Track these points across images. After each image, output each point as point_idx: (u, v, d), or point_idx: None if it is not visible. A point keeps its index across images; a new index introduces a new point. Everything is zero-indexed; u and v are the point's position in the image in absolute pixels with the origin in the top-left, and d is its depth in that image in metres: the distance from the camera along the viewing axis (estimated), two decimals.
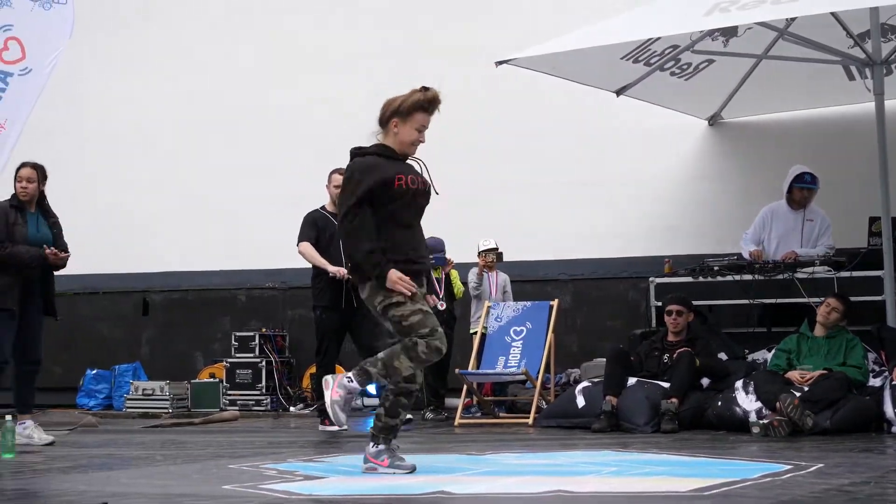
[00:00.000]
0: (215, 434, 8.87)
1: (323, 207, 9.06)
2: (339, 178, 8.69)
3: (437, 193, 5.78)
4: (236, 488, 5.11)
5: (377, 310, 5.63)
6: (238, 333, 11.68)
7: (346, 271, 8.42)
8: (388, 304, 5.56)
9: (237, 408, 11.16)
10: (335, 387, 5.57)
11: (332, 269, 8.70)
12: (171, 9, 12.80)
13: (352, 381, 5.57)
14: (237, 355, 11.54)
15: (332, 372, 8.80)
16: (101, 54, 12.80)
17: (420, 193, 5.69)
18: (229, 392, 11.40)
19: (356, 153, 5.76)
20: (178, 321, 12.38)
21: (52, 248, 7.71)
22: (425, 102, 5.63)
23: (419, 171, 5.75)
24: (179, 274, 12.41)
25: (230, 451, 7.09)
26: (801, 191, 9.43)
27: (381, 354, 5.63)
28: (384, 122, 5.71)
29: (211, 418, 10.31)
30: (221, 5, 12.73)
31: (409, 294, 5.52)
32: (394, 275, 5.49)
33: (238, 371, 11.46)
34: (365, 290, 5.64)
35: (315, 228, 8.95)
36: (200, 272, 12.34)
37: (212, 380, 11.49)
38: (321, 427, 8.73)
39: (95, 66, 12.80)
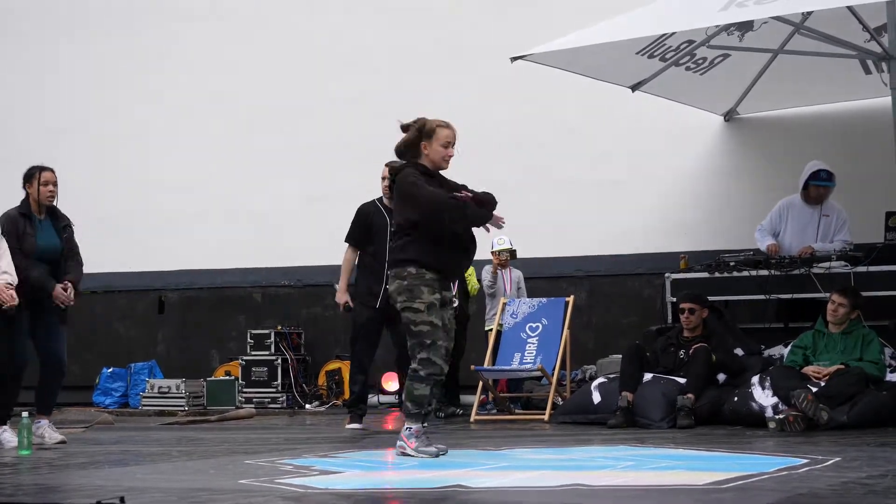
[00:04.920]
0: (231, 431, 8.89)
1: (380, 199, 8.85)
2: (387, 171, 8.71)
3: None
4: (253, 483, 5.11)
5: (399, 308, 6.28)
6: (254, 331, 11.71)
7: (345, 301, 8.78)
8: (405, 306, 6.20)
9: (253, 405, 11.17)
10: (407, 443, 6.18)
11: (338, 297, 8.84)
12: (194, 7, 12.81)
13: (409, 428, 6.19)
14: (253, 353, 11.57)
15: (365, 366, 8.81)
16: (124, 53, 12.85)
17: None
18: (245, 390, 11.43)
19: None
20: (193, 319, 12.41)
21: (64, 283, 7.56)
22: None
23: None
24: (195, 272, 12.44)
25: (246, 448, 7.09)
26: (817, 188, 9.40)
27: (404, 395, 6.32)
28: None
29: (226, 416, 10.32)
30: (247, 4, 12.73)
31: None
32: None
33: (254, 369, 11.50)
34: (393, 285, 6.27)
35: (362, 224, 8.77)
36: (216, 270, 12.37)
37: (227, 377, 11.52)
38: (347, 426, 8.70)
39: (117, 65, 12.86)
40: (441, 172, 6.40)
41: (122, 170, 12.69)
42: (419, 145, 6.34)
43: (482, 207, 6.30)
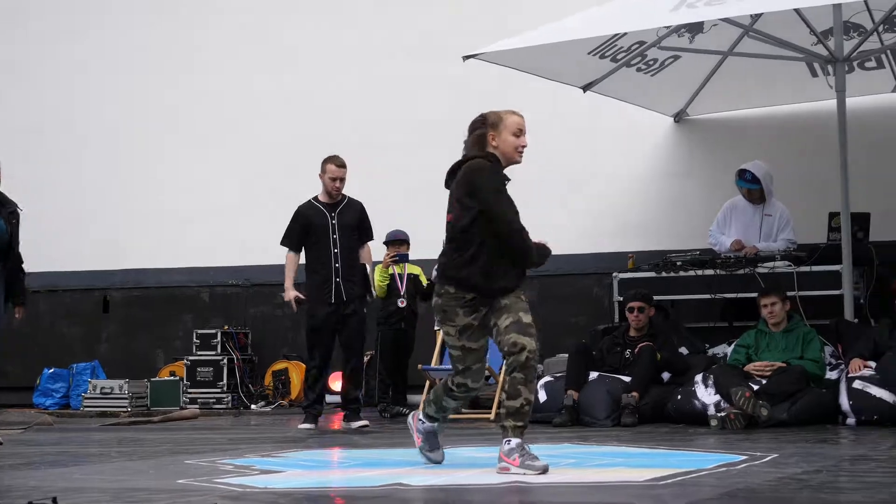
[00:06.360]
0: (174, 432, 8.79)
1: (315, 198, 8.85)
2: (334, 169, 8.68)
3: None
4: (191, 482, 5.06)
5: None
6: (200, 331, 11.61)
7: (294, 296, 8.61)
8: (441, 326, 5.57)
9: (197, 406, 11.08)
10: (415, 433, 5.71)
11: (286, 296, 8.75)
12: (156, 4, 12.71)
13: (423, 421, 5.67)
14: (198, 353, 11.48)
15: (322, 368, 8.77)
16: (68, 53, 12.72)
17: None
18: (190, 390, 11.33)
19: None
20: (138, 319, 12.30)
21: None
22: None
23: None
24: (141, 271, 12.34)
25: (188, 448, 7.02)
26: (743, 189, 9.51)
27: (434, 390, 5.69)
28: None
29: (170, 416, 10.22)
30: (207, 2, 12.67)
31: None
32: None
33: (199, 369, 11.40)
34: (434, 299, 5.58)
35: (300, 225, 8.77)
36: (162, 269, 12.27)
37: (172, 378, 11.41)
38: (300, 426, 8.63)
39: (61, 66, 12.72)
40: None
41: (66, 168, 12.56)
42: (485, 138, 5.60)
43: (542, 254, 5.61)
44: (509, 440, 5.23)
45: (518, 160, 5.70)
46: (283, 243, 8.86)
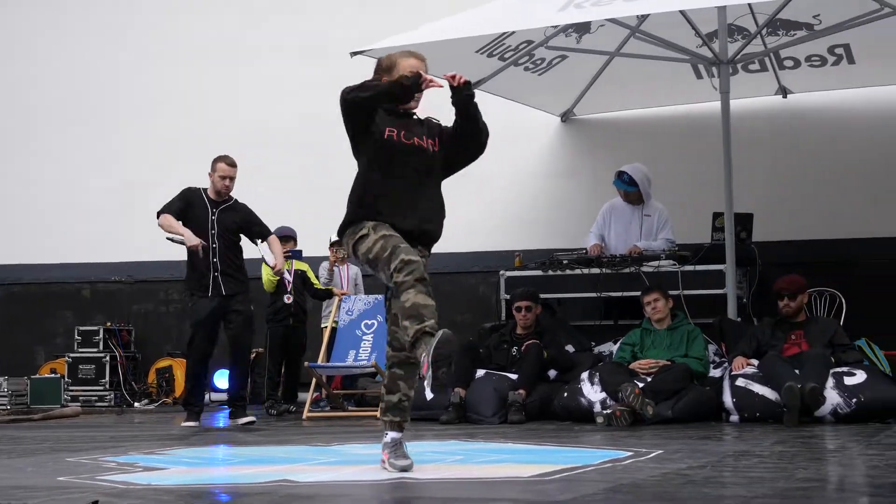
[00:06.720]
0: (55, 430, 8.59)
1: (205, 190, 8.69)
2: (225, 168, 8.55)
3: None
4: (73, 480, 4.94)
5: (357, 254, 5.07)
6: (81, 328, 11.40)
7: (199, 242, 8.29)
8: (354, 242, 5.05)
9: (79, 404, 10.86)
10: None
11: (189, 241, 8.34)
12: None
13: (386, 433, 5.21)
14: (80, 350, 11.27)
15: (203, 361, 8.58)
16: None
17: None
18: (71, 388, 11.12)
19: None
20: (18, 315, 12.02)
21: None
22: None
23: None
24: (20, 267, 12.06)
25: (69, 446, 6.86)
26: (620, 190, 9.65)
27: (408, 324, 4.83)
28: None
29: (50, 414, 9.99)
30: None
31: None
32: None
33: (81, 366, 11.20)
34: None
35: (184, 202, 8.54)
36: (43, 265, 12.03)
37: (53, 375, 11.18)
38: (183, 423, 8.47)
39: None
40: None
41: None
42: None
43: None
44: (387, 434, 5.22)
45: (412, 106, 5.20)
46: (161, 212, 8.50)
